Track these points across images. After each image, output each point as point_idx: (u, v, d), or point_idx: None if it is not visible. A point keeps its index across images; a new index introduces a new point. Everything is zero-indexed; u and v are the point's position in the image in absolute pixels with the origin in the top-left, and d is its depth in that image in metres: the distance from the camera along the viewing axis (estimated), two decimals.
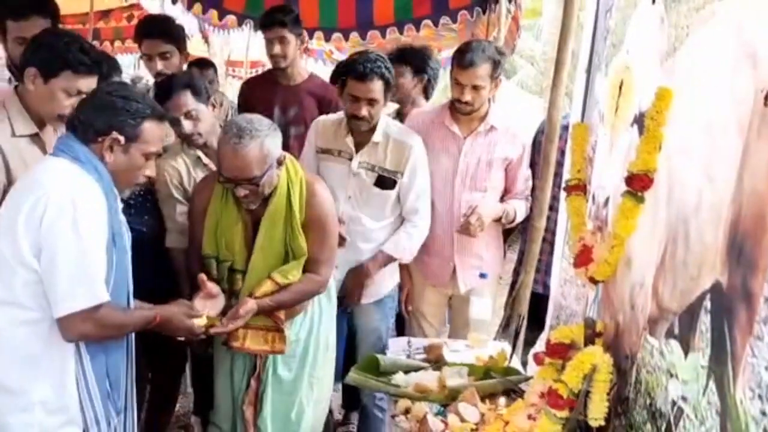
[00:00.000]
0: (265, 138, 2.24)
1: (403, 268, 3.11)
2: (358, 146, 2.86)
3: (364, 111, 2.73)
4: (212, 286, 2.35)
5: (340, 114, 2.93)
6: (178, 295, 2.68)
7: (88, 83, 2.19)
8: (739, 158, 1.23)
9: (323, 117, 3.05)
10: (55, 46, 2.18)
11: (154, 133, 1.98)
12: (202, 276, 2.34)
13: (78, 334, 1.87)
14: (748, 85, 1.21)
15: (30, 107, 2.21)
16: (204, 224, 2.45)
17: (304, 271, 2.46)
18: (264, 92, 3.45)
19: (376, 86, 2.71)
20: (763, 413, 1.10)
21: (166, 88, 2.61)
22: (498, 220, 3.00)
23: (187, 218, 2.62)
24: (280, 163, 2.33)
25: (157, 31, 3.16)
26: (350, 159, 2.86)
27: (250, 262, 2.43)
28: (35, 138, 2.23)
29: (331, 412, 3.37)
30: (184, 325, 2.18)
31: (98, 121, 1.90)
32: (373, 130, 2.83)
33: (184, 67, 3.40)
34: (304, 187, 2.42)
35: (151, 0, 4.83)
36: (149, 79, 4.11)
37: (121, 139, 1.91)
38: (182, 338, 2.31)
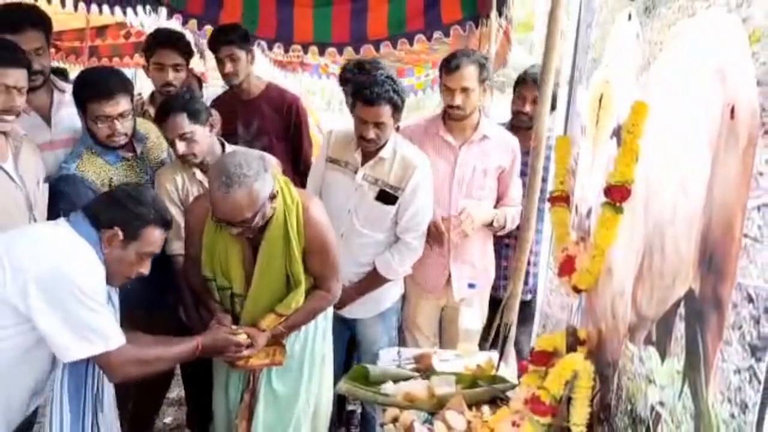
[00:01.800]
0: (253, 183, 2.21)
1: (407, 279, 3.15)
2: (365, 160, 2.89)
3: (372, 134, 2.77)
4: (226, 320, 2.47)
5: None
6: (181, 305, 2.76)
7: (15, 77, 2.27)
8: (709, 170, 1.27)
9: (337, 128, 3.09)
10: None
11: (154, 236, 2.12)
12: (219, 319, 2.45)
13: (121, 375, 2.06)
14: (716, 99, 1.25)
15: None
16: (200, 243, 2.48)
17: (314, 288, 2.52)
18: (226, 110, 3.49)
19: (384, 110, 2.74)
20: (732, 416, 1.13)
21: (164, 109, 2.66)
22: (489, 225, 3.04)
23: (183, 228, 2.66)
24: (273, 197, 2.32)
25: (173, 43, 3.23)
26: (355, 172, 2.90)
27: (251, 290, 2.45)
28: None
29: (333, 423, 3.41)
30: (231, 343, 2.37)
31: (106, 215, 2.05)
32: (381, 146, 2.87)
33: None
34: (300, 212, 2.42)
35: (146, 16, 4.86)
36: (143, 92, 4.14)
37: (121, 235, 2.04)
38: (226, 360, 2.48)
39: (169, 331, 2.74)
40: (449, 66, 2.90)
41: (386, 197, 2.87)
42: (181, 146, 2.62)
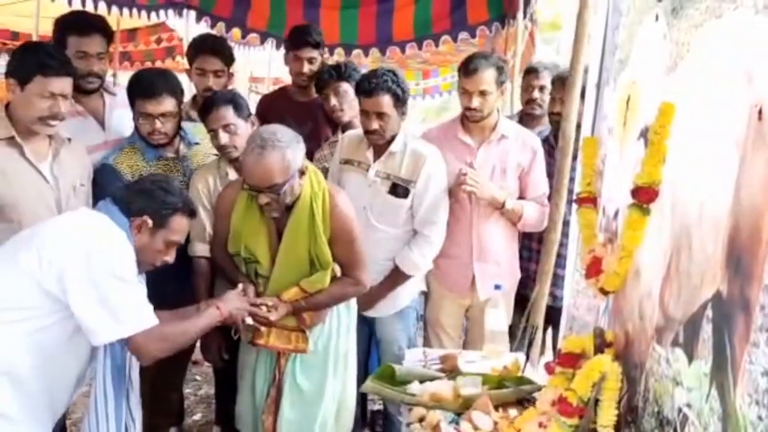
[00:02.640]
0: (286, 149, 2.33)
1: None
2: (377, 157, 2.94)
3: (375, 124, 2.83)
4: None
5: None
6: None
7: (61, 85, 2.39)
8: (736, 172, 1.26)
9: (350, 131, 3.14)
10: (25, 57, 2.41)
11: (181, 225, 2.22)
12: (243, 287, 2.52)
13: (149, 355, 2.09)
14: (744, 100, 1.25)
15: (13, 115, 2.42)
16: (228, 224, 2.57)
17: (342, 275, 2.59)
18: (279, 108, 3.55)
19: (383, 100, 2.81)
20: (760, 418, 1.13)
21: (210, 101, 2.76)
22: (502, 207, 3.02)
23: (210, 226, 2.75)
24: (302, 173, 2.42)
25: (216, 50, 3.33)
26: (368, 170, 2.95)
27: (274, 270, 2.53)
28: (11, 141, 2.42)
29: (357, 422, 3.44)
30: (243, 304, 2.44)
31: (136, 203, 2.14)
32: (391, 142, 2.91)
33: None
34: (326, 198, 2.50)
35: (176, 19, 4.95)
36: None
37: (150, 223, 2.13)
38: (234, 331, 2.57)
39: None
40: (467, 69, 2.93)
41: (398, 191, 2.91)
42: (224, 137, 2.71)
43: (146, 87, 2.70)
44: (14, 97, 2.41)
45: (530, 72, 3.61)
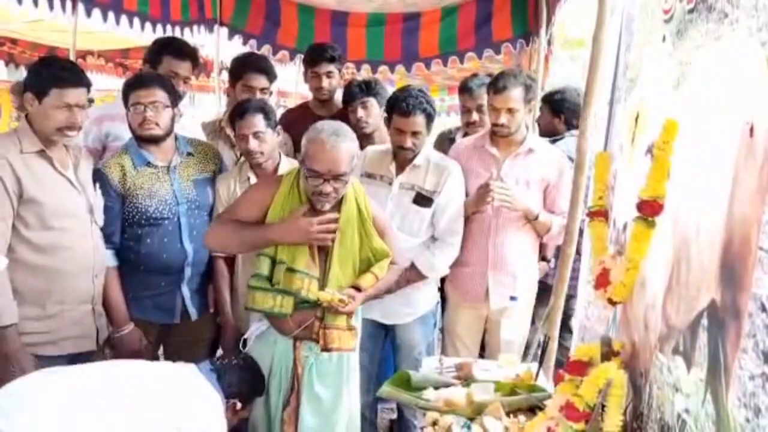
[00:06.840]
0: (353, 142, 2.47)
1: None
2: (400, 170, 3.06)
3: (409, 142, 2.97)
4: None
5: (387, 144, 3.15)
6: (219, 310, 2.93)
7: (76, 96, 2.49)
8: (730, 186, 1.33)
9: (372, 146, 3.27)
10: (41, 71, 2.52)
11: None
12: None
13: None
14: (738, 118, 1.31)
15: (35, 127, 2.52)
16: (254, 213, 2.58)
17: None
18: (301, 123, 3.64)
19: (419, 120, 2.93)
20: (748, 420, 1.18)
21: (243, 108, 2.89)
22: (535, 219, 3.09)
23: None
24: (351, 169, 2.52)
25: (263, 68, 3.46)
26: (390, 184, 3.06)
27: (329, 274, 2.57)
28: (42, 154, 2.53)
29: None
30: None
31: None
32: (415, 156, 3.04)
33: None
34: (366, 198, 2.64)
35: (209, 35, 5.10)
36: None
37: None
38: None
39: (181, 344, 2.95)
40: (496, 87, 3.00)
41: (422, 200, 3.03)
42: (253, 143, 2.84)
43: (139, 80, 2.83)
44: (32, 110, 2.51)
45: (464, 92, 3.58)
